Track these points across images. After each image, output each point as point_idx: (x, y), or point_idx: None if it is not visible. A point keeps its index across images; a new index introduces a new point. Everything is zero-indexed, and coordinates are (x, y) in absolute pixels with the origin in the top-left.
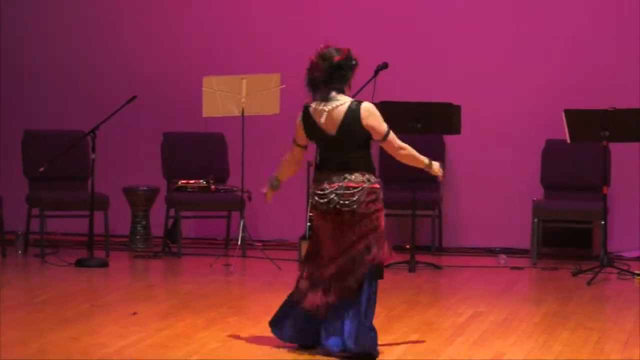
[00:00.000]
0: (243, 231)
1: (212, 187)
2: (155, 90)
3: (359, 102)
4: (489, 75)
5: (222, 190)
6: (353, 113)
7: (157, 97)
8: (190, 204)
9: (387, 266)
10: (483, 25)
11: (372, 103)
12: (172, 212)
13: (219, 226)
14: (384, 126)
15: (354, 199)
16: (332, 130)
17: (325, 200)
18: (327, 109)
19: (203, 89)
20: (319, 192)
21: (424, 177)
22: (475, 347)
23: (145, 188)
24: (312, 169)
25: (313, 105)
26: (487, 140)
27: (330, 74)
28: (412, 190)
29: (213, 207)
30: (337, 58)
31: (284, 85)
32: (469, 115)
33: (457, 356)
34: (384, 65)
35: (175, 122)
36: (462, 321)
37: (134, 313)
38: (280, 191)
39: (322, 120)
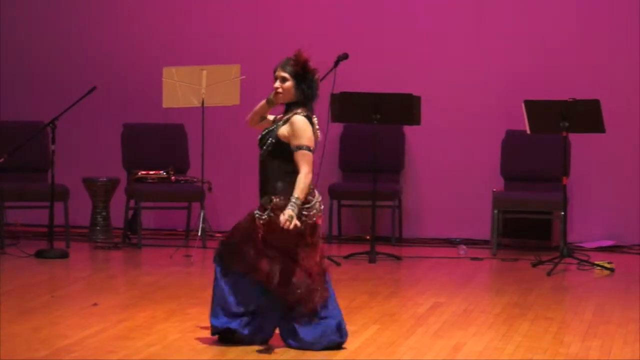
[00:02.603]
0: (203, 222)
1: (172, 178)
2: (115, 81)
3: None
4: (449, 66)
5: (182, 181)
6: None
7: (117, 88)
8: (150, 195)
9: (348, 257)
10: (444, 15)
11: (332, 94)
12: (132, 203)
13: (179, 217)
14: None
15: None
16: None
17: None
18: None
19: (163, 79)
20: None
21: (384, 168)
22: (436, 337)
23: (105, 179)
24: None
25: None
26: (447, 131)
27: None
28: (372, 181)
29: (173, 198)
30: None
31: (244, 76)
32: (429, 106)
33: (417, 347)
34: (345, 56)
35: (135, 113)
36: (422, 312)
37: (95, 304)
38: (240, 181)
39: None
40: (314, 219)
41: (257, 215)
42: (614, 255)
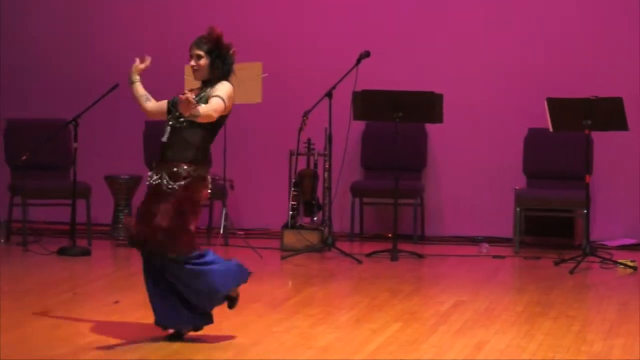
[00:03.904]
0: (225, 220)
1: None
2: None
3: None
4: (471, 64)
5: None
6: None
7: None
8: None
9: (369, 255)
10: (467, 13)
11: (354, 92)
12: None
13: (201, 215)
14: None
15: None
16: None
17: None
18: None
19: (184, 77)
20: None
21: (406, 166)
22: (458, 336)
23: (127, 177)
24: (293, 158)
25: None
26: (470, 129)
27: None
28: (394, 179)
29: None
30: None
31: (266, 74)
32: (451, 104)
33: (439, 345)
34: (366, 54)
35: None
36: (444, 310)
37: (116, 302)
38: (263, 180)
39: None
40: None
41: (165, 182)
42: (637, 253)
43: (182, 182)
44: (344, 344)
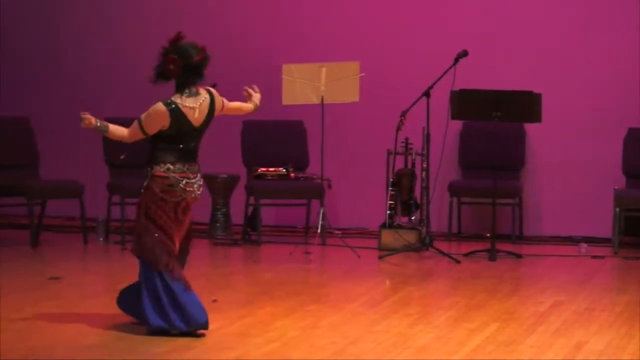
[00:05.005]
0: (323, 219)
1: (292, 175)
2: (234, 78)
3: (211, 93)
4: (570, 63)
5: (301, 178)
6: (212, 104)
7: (236, 85)
8: (269, 192)
9: (467, 255)
10: (565, 13)
11: (452, 91)
12: (252, 199)
13: (298, 214)
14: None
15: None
16: (197, 123)
17: (191, 188)
18: (197, 105)
19: (282, 77)
20: (187, 178)
21: (504, 165)
22: (556, 336)
23: (225, 176)
24: (391, 158)
25: (179, 100)
26: (568, 129)
27: (187, 73)
28: (492, 179)
29: (293, 195)
30: (196, 59)
31: (363, 74)
32: (550, 103)
33: (537, 345)
34: (464, 53)
35: None
36: (542, 310)
37: (214, 300)
38: (360, 179)
39: (196, 115)
40: (177, 198)
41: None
42: None
43: (145, 183)
44: (442, 344)
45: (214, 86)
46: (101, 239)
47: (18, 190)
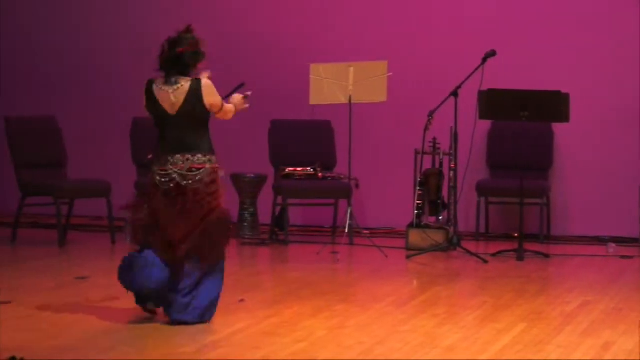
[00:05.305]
0: (350, 219)
1: (320, 174)
2: (263, 78)
3: (199, 81)
4: (597, 63)
5: (329, 178)
6: (195, 92)
7: (264, 84)
8: (297, 192)
9: (495, 254)
10: (591, 12)
11: (480, 91)
12: (279, 199)
13: (326, 214)
14: (219, 99)
15: (197, 178)
16: (172, 111)
17: (167, 179)
18: (170, 91)
19: (310, 76)
20: (161, 172)
21: (532, 165)
22: (584, 336)
23: (252, 175)
24: (418, 158)
25: (157, 82)
26: (596, 128)
27: (172, 61)
28: (520, 178)
29: (320, 195)
30: (180, 49)
31: (391, 73)
32: (578, 103)
33: (565, 345)
34: (492, 53)
35: (282, 109)
36: (570, 310)
37: (242, 300)
38: (388, 179)
39: (172, 99)
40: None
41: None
42: None
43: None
44: (470, 344)
45: (241, 86)
46: (129, 239)
47: (45, 189)
